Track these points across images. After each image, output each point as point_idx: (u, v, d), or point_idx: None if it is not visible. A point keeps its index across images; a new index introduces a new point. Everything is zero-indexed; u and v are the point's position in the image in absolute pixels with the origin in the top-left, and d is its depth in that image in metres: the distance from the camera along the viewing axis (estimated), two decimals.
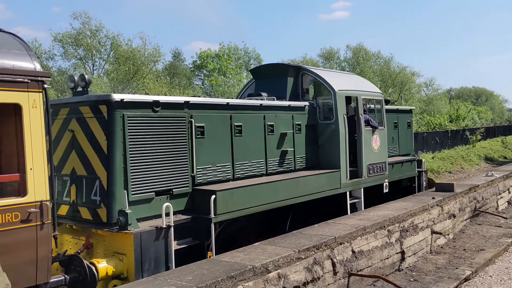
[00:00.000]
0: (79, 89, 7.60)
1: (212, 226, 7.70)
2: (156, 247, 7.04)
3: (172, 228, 7.15)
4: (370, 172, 12.03)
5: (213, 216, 7.69)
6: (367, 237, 8.41)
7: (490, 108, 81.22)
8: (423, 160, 15.49)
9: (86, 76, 7.50)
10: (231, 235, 8.40)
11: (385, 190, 12.70)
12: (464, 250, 10.57)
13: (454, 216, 11.77)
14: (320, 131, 11.17)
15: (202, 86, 47.23)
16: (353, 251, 7.95)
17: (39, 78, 5.56)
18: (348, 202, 11.22)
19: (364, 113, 11.98)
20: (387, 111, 13.45)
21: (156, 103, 7.72)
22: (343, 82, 11.73)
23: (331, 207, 10.88)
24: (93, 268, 6.59)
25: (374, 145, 12.23)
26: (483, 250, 10.45)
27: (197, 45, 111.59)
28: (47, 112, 5.63)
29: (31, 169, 5.41)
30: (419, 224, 10.06)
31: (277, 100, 10.58)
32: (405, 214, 9.83)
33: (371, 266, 8.26)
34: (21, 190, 5.39)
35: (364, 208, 11.36)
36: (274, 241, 7.63)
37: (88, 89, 7.63)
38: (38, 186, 5.45)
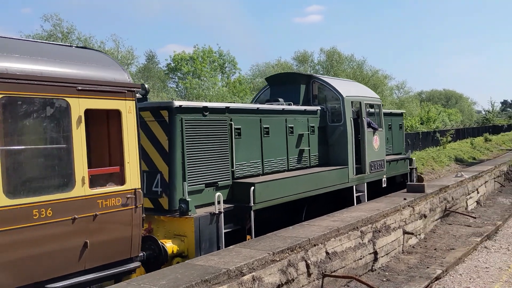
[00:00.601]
0: (139, 96, 8.26)
1: (252, 213, 9.06)
2: (210, 229, 8.31)
3: (222, 214, 8.45)
4: (372, 168, 13.42)
5: (252, 204, 9.01)
6: (341, 238, 8.50)
7: (460, 111, 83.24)
8: (414, 158, 16.85)
9: (146, 86, 8.50)
10: (262, 222, 9.52)
11: (384, 185, 14.06)
12: (435, 249, 10.80)
13: (425, 216, 12.01)
14: (329, 132, 12.59)
15: (177, 89, 46.93)
16: (327, 253, 8.03)
17: (132, 89, 6.86)
18: (355, 195, 12.57)
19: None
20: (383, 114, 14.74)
21: (205, 109, 9.10)
22: (349, 89, 13.19)
23: (339, 199, 12.03)
24: (165, 247, 7.79)
25: (375, 144, 13.63)
26: (453, 249, 10.69)
27: (171, 48, 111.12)
28: (137, 117, 6.83)
29: (128, 162, 6.66)
30: (391, 225, 10.23)
31: (285, 104, 11.78)
32: (377, 215, 9.98)
33: (344, 267, 8.35)
34: (121, 180, 6.62)
35: (367, 200, 12.68)
36: (249, 244, 7.64)
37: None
38: (133, 177, 6.71)
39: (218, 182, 9.17)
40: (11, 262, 5.37)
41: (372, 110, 13.90)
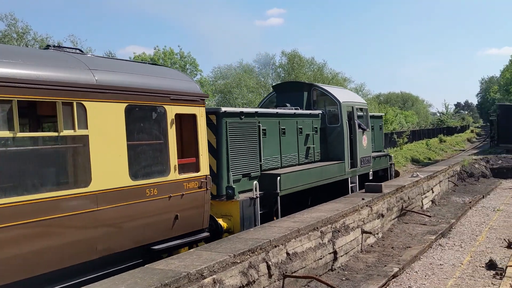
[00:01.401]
0: None
1: (278, 198, 11.21)
2: (249, 211, 10.34)
3: (258, 199, 10.54)
4: (362, 163, 15.81)
5: (279, 191, 11.18)
6: (301, 239, 8.60)
7: (416, 112, 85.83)
8: (392, 155, 19.75)
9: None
10: (283, 206, 11.45)
11: (370, 177, 16.48)
12: (392, 248, 11.09)
13: (382, 215, 12.31)
14: (328, 132, 14.91)
15: None
16: (287, 253, 8.11)
17: (203, 98, 8.85)
18: (350, 185, 14.91)
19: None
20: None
21: (241, 113, 11.21)
22: (344, 95, 15.57)
23: (337, 189, 14.10)
24: (221, 223, 9.75)
25: (364, 143, 16.04)
26: (409, 247, 11.01)
27: (132, 49, 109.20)
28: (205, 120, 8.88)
29: (201, 155, 8.63)
30: (350, 225, 10.43)
31: (293, 109, 13.81)
32: (337, 215, 10.16)
33: (305, 267, 8.46)
34: (197, 168, 8.55)
35: (358, 190, 14.91)
36: (210, 247, 7.62)
37: None
38: (204, 166, 8.68)
39: (251, 173, 11.32)
40: (133, 228, 7.22)
41: (360, 113, 16.09)
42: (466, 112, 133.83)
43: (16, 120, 5.80)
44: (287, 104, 14.10)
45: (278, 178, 11.22)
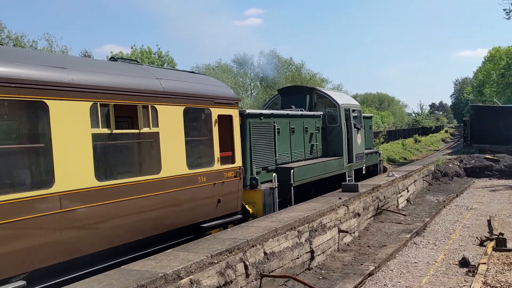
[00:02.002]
0: None
1: (292, 188, 12.79)
2: (270, 198, 11.93)
3: (276, 188, 12.15)
4: (357, 159, 17.47)
5: (292, 182, 12.75)
6: (279, 239, 8.64)
7: (392, 113, 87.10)
8: (381, 152, 21.82)
9: None
10: (295, 195, 13.03)
11: (364, 172, 18.24)
12: (368, 246, 11.22)
13: (359, 215, 12.46)
14: (328, 131, 16.53)
15: None
16: (265, 253, 8.13)
17: (237, 101, 10.62)
18: (347, 179, 16.51)
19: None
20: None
21: (261, 114, 12.85)
22: (341, 98, 17.50)
23: (336, 182, 15.29)
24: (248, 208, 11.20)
25: (359, 141, 17.69)
26: (385, 246, 11.16)
27: (108, 48, 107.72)
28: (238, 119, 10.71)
29: (236, 149, 10.27)
30: (327, 224, 10.52)
31: (299, 111, 15.45)
32: (314, 214, 10.23)
33: (282, 266, 8.50)
34: (232, 160, 10.22)
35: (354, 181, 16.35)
36: (187, 247, 7.58)
37: None
38: (238, 158, 10.34)
39: (268, 167, 12.85)
40: (189, 208, 8.86)
41: (355, 114, 17.76)
42: (441, 112, 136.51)
43: (112, 120, 7.34)
44: (292, 106, 15.57)
45: (292, 171, 12.88)
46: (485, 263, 9.37)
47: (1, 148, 6.22)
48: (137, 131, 7.97)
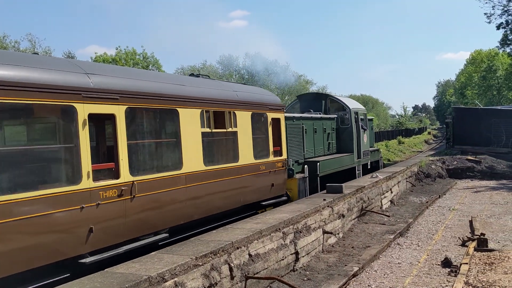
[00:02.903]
0: None
1: (318, 178, 15.76)
2: (303, 186, 14.79)
3: (307, 178, 15.11)
4: (364, 155, 20.60)
5: (319, 173, 15.82)
6: (263, 240, 8.64)
7: (376, 115, 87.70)
8: (381, 150, 25.68)
9: None
10: (315, 185, 15.76)
11: (369, 167, 21.56)
12: (352, 247, 11.29)
13: (343, 216, 12.53)
14: (340, 131, 19.64)
15: None
16: (250, 255, 8.13)
17: (283, 107, 13.83)
18: (357, 172, 19.74)
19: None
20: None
21: (293, 117, 15.93)
22: (351, 103, 20.77)
23: (347, 175, 18.33)
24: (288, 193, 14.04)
25: (365, 140, 20.89)
26: (369, 247, 11.24)
27: (93, 49, 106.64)
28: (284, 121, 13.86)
29: (283, 145, 13.05)
30: (312, 225, 10.56)
31: (319, 114, 18.62)
32: (299, 216, 10.26)
33: (267, 268, 8.51)
34: (280, 153, 13.04)
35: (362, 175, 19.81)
36: (172, 250, 7.55)
37: None
38: (284, 152, 13.24)
39: (299, 160, 15.61)
40: (254, 190, 11.92)
41: (362, 116, 20.89)
42: (424, 114, 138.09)
43: (212, 122, 10.53)
44: (311, 110, 18.57)
45: (318, 163, 15.94)
46: (467, 263, 9.50)
47: (159, 141, 9.23)
48: (224, 130, 10.98)
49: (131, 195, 8.14)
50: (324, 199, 12.14)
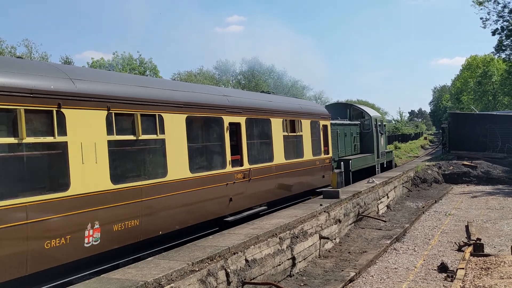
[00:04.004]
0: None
1: (350, 173, 19.79)
2: (340, 178, 18.61)
3: (343, 172, 19.30)
4: (381, 156, 24.91)
5: (351, 168, 19.82)
6: (260, 246, 8.64)
7: None
8: (393, 151, 31.68)
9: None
10: (347, 180, 19.79)
11: (385, 166, 25.81)
12: (349, 253, 11.29)
13: (340, 221, 12.54)
14: (363, 135, 23.83)
15: None
16: (246, 260, 8.12)
17: (329, 115, 17.74)
18: (376, 170, 23.82)
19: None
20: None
21: (334, 123, 19.23)
22: (371, 111, 25.15)
23: (368, 172, 22.28)
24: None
25: (382, 142, 25.20)
26: (365, 252, 11.24)
27: (89, 55, 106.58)
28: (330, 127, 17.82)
29: (329, 145, 17.06)
30: (308, 230, 10.57)
31: (346, 121, 22.64)
32: (295, 221, 10.27)
33: (264, 273, 8.50)
34: (328, 152, 16.92)
35: (380, 172, 24.11)
36: (168, 255, 7.54)
37: None
38: (330, 151, 17.17)
39: (334, 158, 18.64)
40: (309, 180, 15.17)
41: (380, 122, 24.99)
42: (420, 119, 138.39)
43: (288, 127, 13.85)
44: (338, 117, 21.91)
45: (351, 161, 20.01)
46: (463, 268, 9.51)
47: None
48: (295, 133, 14.32)
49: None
50: (321, 204, 12.15)
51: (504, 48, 40.71)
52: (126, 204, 7.60)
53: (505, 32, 38.88)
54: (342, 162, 19.42)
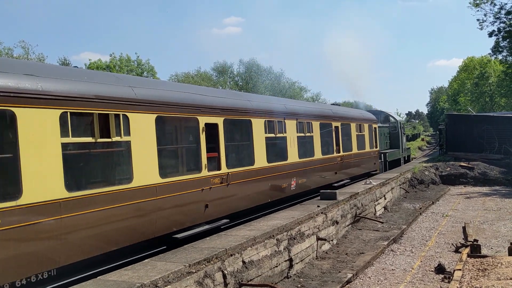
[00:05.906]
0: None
1: (387, 162, 28.22)
2: (381, 166, 26.67)
3: (383, 162, 27.56)
4: (404, 151, 32.56)
5: (387, 159, 28.18)
6: (257, 247, 8.63)
7: None
8: (410, 148, 39.67)
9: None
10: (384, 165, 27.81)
11: (406, 159, 33.55)
12: (346, 254, 11.29)
13: (337, 222, 12.53)
14: (391, 135, 31.30)
15: None
16: (243, 262, 8.11)
17: (376, 120, 25.45)
18: (401, 161, 31.34)
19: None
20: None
21: (378, 126, 26.36)
22: (397, 117, 33.43)
23: (395, 163, 29.51)
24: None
25: (404, 140, 33.31)
26: (363, 253, 11.24)
27: (87, 56, 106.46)
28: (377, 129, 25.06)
29: (377, 142, 25.02)
30: (306, 232, 10.56)
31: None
32: (292, 222, 10.26)
33: (261, 275, 8.49)
34: (376, 146, 24.18)
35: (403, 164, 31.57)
36: (165, 257, 7.52)
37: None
38: (378, 146, 25.05)
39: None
40: (365, 167, 22.07)
41: (402, 125, 32.16)
42: (417, 121, 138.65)
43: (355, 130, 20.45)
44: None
45: (387, 153, 27.02)
46: (460, 270, 9.51)
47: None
48: (357, 133, 20.00)
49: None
50: (318, 206, 12.15)
51: (501, 49, 40.85)
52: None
53: (502, 33, 38.99)
54: (382, 154, 26.12)
